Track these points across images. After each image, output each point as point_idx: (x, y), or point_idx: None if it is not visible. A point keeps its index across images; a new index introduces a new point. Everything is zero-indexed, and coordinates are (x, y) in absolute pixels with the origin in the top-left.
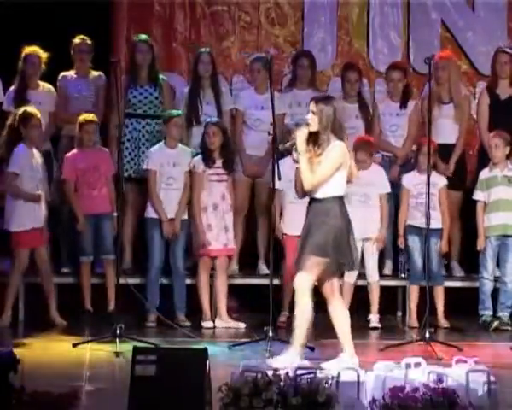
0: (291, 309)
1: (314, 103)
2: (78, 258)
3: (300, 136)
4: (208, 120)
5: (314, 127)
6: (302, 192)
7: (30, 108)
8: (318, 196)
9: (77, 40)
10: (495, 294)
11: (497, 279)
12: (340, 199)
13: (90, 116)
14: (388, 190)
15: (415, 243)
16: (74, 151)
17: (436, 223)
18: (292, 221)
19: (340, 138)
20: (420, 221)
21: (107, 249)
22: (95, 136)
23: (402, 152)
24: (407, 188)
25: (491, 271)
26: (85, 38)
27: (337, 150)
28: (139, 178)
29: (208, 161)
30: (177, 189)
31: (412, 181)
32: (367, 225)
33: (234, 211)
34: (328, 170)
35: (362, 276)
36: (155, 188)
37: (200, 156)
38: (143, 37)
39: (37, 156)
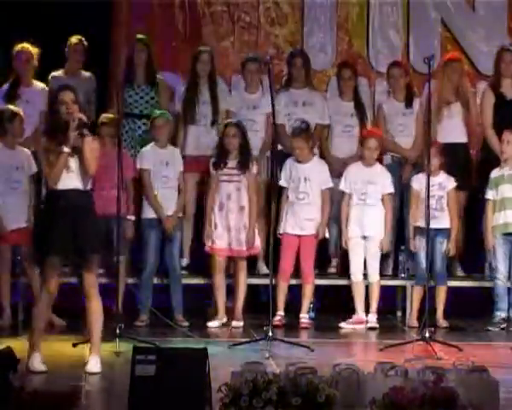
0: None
1: (72, 93)
2: None
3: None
4: (228, 120)
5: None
6: (56, 180)
7: (14, 107)
8: (87, 187)
9: (74, 40)
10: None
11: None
12: None
13: (108, 117)
14: (392, 190)
15: (422, 243)
16: None
17: (443, 223)
18: (291, 220)
19: None
20: (424, 222)
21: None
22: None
23: (412, 153)
24: (417, 190)
25: (503, 271)
26: (82, 38)
27: (97, 142)
28: (136, 179)
29: (219, 162)
30: (171, 187)
31: (421, 183)
32: (364, 224)
33: None
34: (97, 160)
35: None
36: (151, 187)
37: (214, 158)
38: (140, 36)
39: (19, 155)
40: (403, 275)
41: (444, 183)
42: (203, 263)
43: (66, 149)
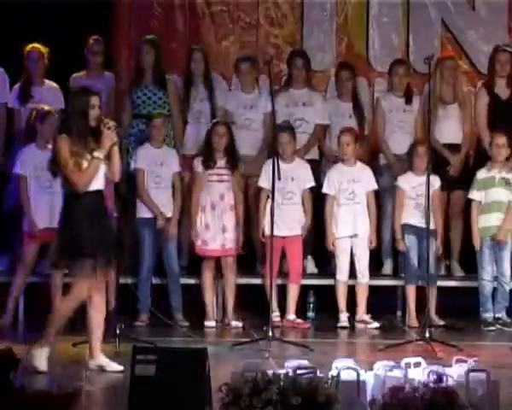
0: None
1: (98, 97)
2: None
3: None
4: (215, 120)
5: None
6: (87, 185)
7: (46, 106)
8: (102, 187)
9: (91, 40)
10: (494, 294)
11: (495, 279)
12: None
13: None
14: (375, 186)
15: (411, 242)
16: None
17: (433, 223)
18: (278, 221)
19: None
20: (418, 221)
21: None
22: None
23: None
24: (403, 189)
25: (490, 272)
26: (99, 38)
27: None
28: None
29: (209, 161)
30: (165, 187)
31: (409, 183)
32: (355, 223)
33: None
34: None
35: (353, 275)
36: (144, 187)
37: (200, 156)
38: (147, 37)
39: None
40: (402, 275)
41: (432, 181)
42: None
43: (100, 156)
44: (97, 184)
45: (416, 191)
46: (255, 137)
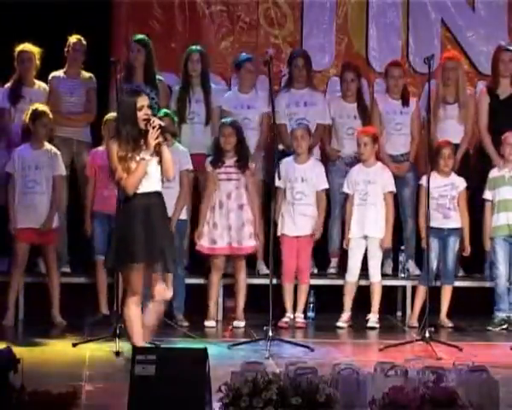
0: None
1: (147, 97)
2: (92, 257)
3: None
4: (223, 120)
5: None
6: (136, 187)
7: (41, 106)
8: (160, 188)
9: (73, 40)
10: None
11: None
12: None
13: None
14: (393, 188)
15: (433, 244)
16: (98, 148)
17: (456, 223)
18: (288, 221)
19: None
20: (440, 222)
21: None
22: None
23: (411, 155)
24: (426, 188)
25: (504, 271)
26: (81, 37)
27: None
28: None
29: (218, 161)
30: (172, 187)
31: (433, 183)
32: (365, 224)
33: None
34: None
35: (363, 275)
36: None
37: (211, 156)
38: (137, 36)
39: (42, 155)
40: (403, 275)
41: (456, 183)
42: (203, 263)
43: (147, 157)
44: (150, 185)
45: (439, 192)
46: (252, 136)
